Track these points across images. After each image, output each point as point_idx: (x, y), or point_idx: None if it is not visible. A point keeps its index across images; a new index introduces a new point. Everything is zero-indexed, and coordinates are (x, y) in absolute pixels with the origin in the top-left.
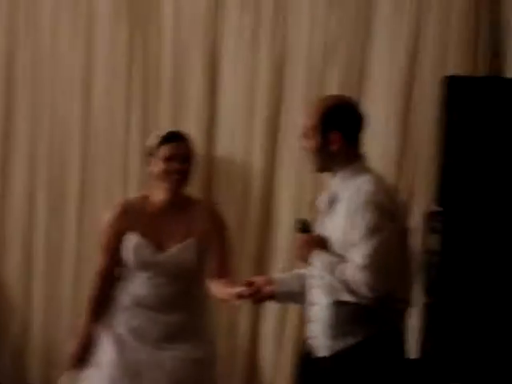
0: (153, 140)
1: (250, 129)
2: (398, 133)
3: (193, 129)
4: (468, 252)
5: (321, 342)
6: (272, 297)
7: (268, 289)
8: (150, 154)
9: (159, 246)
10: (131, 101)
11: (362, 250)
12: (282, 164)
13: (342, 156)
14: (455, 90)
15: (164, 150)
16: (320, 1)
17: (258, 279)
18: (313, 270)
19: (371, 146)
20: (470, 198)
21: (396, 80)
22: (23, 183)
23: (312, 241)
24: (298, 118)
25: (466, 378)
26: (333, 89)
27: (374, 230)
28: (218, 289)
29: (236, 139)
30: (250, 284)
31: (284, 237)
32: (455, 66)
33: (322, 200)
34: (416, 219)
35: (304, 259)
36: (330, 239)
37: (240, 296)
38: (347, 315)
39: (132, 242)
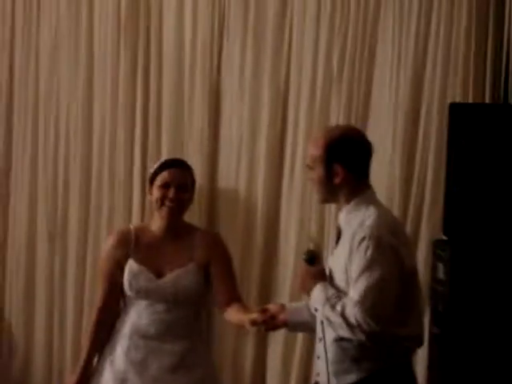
0: (153, 168)
1: (254, 160)
2: (403, 161)
3: (196, 161)
4: (475, 281)
5: (324, 379)
6: (285, 325)
7: (282, 317)
8: (149, 181)
9: (158, 273)
10: (133, 134)
11: (359, 285)
12: (286, 196)
13: (346, 189)
14: (461, 117)
15: (161, 177)
16: (322, 31)
17: (272, 307)
18: (313, 302)
19: (377, 175)
20: (476, 226)
21: (401, 107)
22: (25, 212)
23: (316, 274)
24: (302, 148)
25: None
26: (337, 118)
27: (371, 266)
28: (231, 315)
29: (239, 171)
30: (264, 311)
31: (288, 268)
32: (462, 93)
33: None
34: (423, 248)
35: (306, 291)
36: (333, 274)
37: (254, 322)
38: (350, 352)
39: (129, 270)
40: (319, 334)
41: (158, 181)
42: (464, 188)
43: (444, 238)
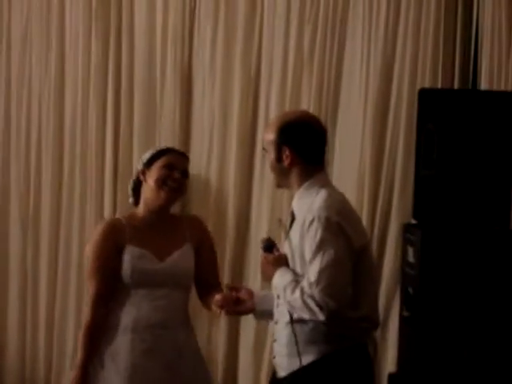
0: (150, 153)
1: (225, 147)
2: (374, 146)
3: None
4: (445, 265)
5: (279, 361)
6: (251, 312)
7: (249, 304)
8: (146, 164)
9: (158, 256)
10: (104, 120)
11: (313, 267)
12: (257, 182)
13: (296, 172)
14: (430, 103)
15: (165, 159)
16: (293, 17)
17: (243, 290)
18: (274, 289)
19: (347, 158)
20: (446, 210)
21: (371, 93)
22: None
23: (275, 260)
24: None
25: None
26: (308, 105)
27: (322, 247)
28: (207, 303)
29: (211, 158)
30: (232, 289)
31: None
32: (431, 79)
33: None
34: (393, 232)
35: (268, 278)
36: (289, 260)
37: (220, 302)
38: (304, 334)
39: (132, 255)
40: (275, 317)
41: (161, 162)
42: (434, 172)
43: (414, 221)
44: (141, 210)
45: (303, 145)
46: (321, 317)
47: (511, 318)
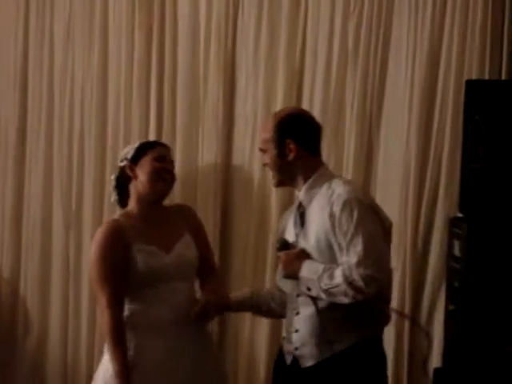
0: (133, 148)
1: None
2: (419, 138)
3: (211, 139)
4: (491, 258)
5: (305, 351)
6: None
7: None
8: (132, 159)
9: (163, 249)
10: (148, 111)
11: (355, 248)
12: None
13: (301, 165)
14: (477, 94)
15: (155, 151)
16: (338, 6)
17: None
18: (303, 281)
19: (393, 151)
20: (493, 203)
21: (417, 84)
22: (40, 198)
23: (298, 254)
24: None
25: None
26: (352, 96)
27: (361, 227)
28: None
29: (254, 149)
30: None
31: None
32: (478, 70)
33: (290, 217)
34: (439, 226)
35: (293, 273)
36: (311, 252)
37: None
38: (334, 322)
39: (143, 253)
40: (296, 308)
41: (152, 155)
42: (480, 165)
43: (460, 215)
44: (134, 206)
45: (305, 135)
46: (367, 295)
47: None
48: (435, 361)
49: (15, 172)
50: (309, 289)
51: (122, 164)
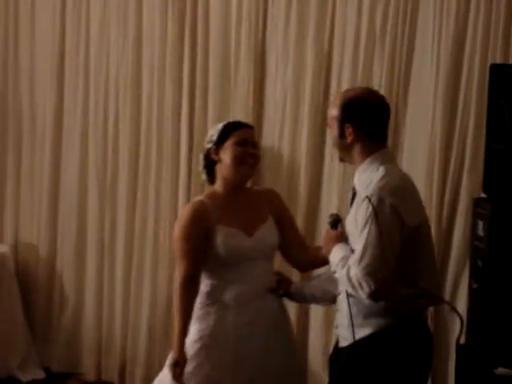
0: (217, 130)
1: (297, 120)
2: (445, 120)
3: (241, 119)
4: None
5: (341, 331)
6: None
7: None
8: (216, 142)
9: (247, 232)
10: (180, 95)
11: (359, 244)
12: (328, 154)
13: (358, 148)
14: (501, 78)
15: (237, 135)
16: None
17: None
18: (331, 264)
19: (418, 133)
20: None
21: (443, 68)
22: (76, 177)
23: (336, 237)
24: None
25: None
26: (379, 79)
27: (367, 226)
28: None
29: (284, 130)
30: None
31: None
32: (502, 55)
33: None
34: (464, 206)
35: (328, 253)
36: (348, 236)
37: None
38: (362, 306)
39: (224, 234)
40: (339, 288)
41: (234, 139)
42: (504, 147)
43: (484, 195)
44: (220, 187)
45: (366, 122)
46: (362, 295)
47: None
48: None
49: (52, 151)
50: (334, 272)
51: (207, 146)
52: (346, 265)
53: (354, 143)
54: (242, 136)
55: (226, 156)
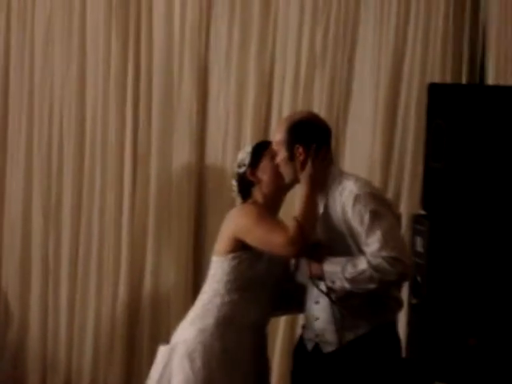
0: (248, 153)
1: (240, 138)
2: (384, 138)
3: (184, 138)
4: (452, 255)
5: (327, 337)
6: None
7: None
8: (253, 165)
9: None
10: (124, 112)
11: (374, 236)
12: None
13: None
14: (439, 97)
15: (269, 152)
16: (306, 12)
17: None
18: (329, 276)
19: (358, 150)
20: (454, 201)
21: (382, 87)
22: (20, 191)
23: (321, 256)
24: None
25: (451, 378)
26: (320, 100)
27: (377, 217)
28: None
29: (226, 148)
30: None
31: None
32: (440, 74)
33: None
34: (403, 222)
35: (320, 274)
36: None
37: None
38: (350, 310)
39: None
40: (316, 297)
41: (268, 156)
42: (442, 165)
43: (423, 212)
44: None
45: (314, 141)
46: (393, 277)
47: None
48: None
49: None
50: (333, 282)
51: (241, 170)
52: (360, 261)
53: (305, 163)
54: (271, 152)
55: (265, 174)
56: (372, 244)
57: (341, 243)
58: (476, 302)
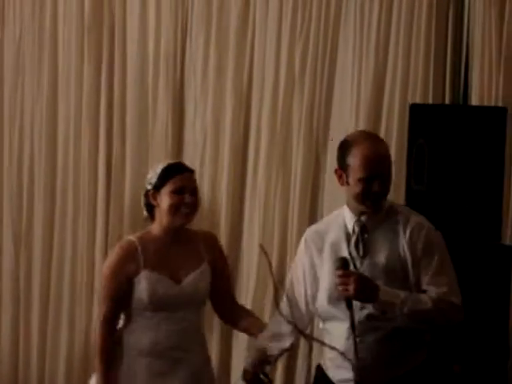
0: (156, 173)
1: (217, 162)
2: None
3: (158, 163)
4: None
5: (374, 375)
6: None
7: None
8: (154, 187)
9: (175, 279)
10: (97, 135)
11: (442, 277)
12: (249, 198)
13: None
14: (421, 118)
15: (173, 183)
16: (284, 32)
17: None
18: (382, 306)
19: None
20: (437, 224)
21: (363, 107)
22: None
23: (358, 275)
24: (264, 150)
25: None
26: (299, 120)
27: (444, 255)
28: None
29: (203, 173)
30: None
31: (252, 269)
32: (422, 94)
33: (340, 237)
34: None
35: (371, 298)
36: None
37: None
38: (398, 346)
39: (148, 280)
40: (359, 335)
41: (170, 186)
42: (424, 187)
43: None
44: (156, 229)
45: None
46: (457, 319)
47: (501, 330)
48: None
49: None
50: (384, 312)
51: (147, 187)
52: (426, 299)
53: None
54: (179, 184)
55: (163, 203)
56: (440, 284)
57: (391, 273)
58: (461, 328)
